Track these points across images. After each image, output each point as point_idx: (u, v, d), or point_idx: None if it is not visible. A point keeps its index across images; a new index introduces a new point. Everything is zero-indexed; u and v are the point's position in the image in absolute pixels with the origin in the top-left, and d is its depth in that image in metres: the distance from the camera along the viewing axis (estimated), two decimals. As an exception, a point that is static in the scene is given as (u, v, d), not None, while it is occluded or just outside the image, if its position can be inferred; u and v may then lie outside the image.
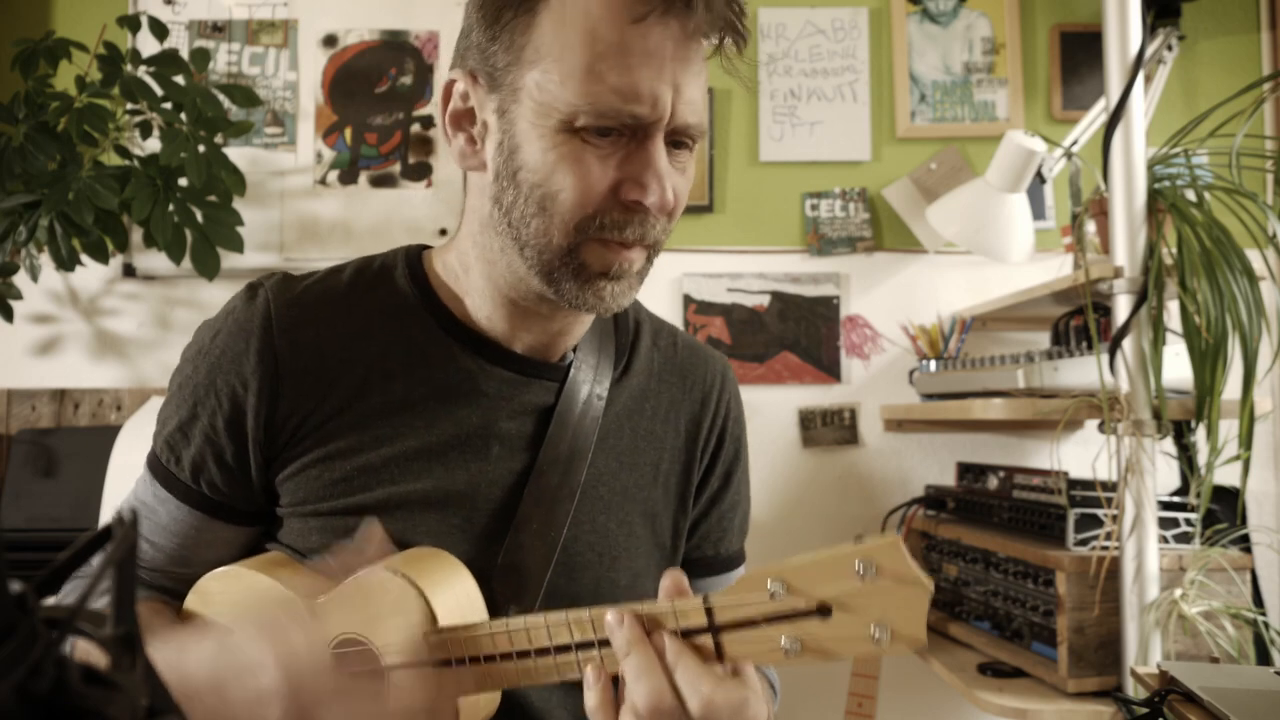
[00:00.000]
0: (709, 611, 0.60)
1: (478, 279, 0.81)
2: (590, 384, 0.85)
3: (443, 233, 2.12)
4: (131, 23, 1.87)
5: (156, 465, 0.82)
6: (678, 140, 0.73)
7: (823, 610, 0.57)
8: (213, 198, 1.85)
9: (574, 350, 0.85)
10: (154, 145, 1.88)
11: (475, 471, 0.80)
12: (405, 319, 0.82)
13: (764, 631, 0.59)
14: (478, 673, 0.67)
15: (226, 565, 0.79)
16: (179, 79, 1.82)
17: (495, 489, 0.81)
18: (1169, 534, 1.51)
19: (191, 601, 0.79)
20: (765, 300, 2.13)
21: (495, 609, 0.75)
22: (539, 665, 0.65)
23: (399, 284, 0.83)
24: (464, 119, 0.76)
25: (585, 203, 0.71)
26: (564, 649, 0.64)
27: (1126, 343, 1.44)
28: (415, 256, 0.86)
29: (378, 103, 2.15)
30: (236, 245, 1.88)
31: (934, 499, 1.93)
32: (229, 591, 0.77)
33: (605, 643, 0.62)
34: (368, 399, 0.79)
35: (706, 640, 0.60)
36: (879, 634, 0.56)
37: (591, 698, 0.62)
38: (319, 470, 0.78)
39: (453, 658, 0.68)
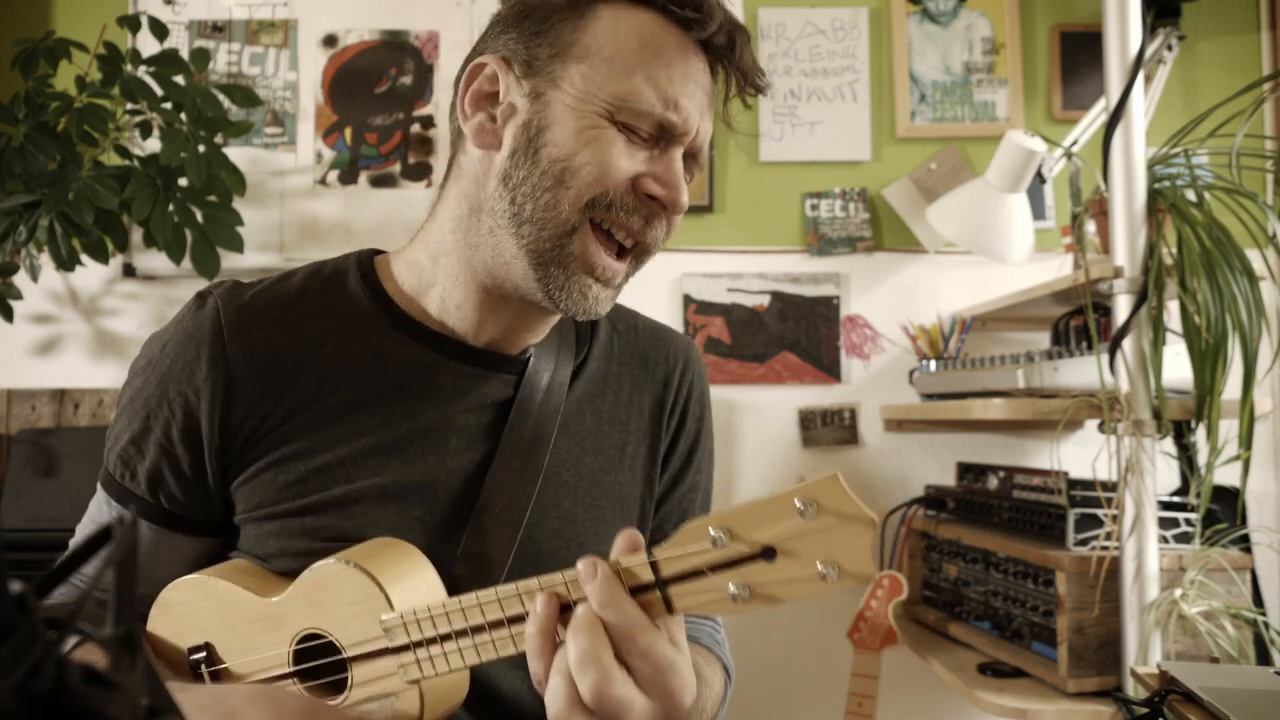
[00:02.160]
0: (654, 566, 0.60)
1: (453, 265, 0.81)
2: (550, 372, 0.85)
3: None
4: (131, 23, 1.87)
5: (110, 482, 0.81)
6: (686, 164, 0.79)
7: (767, 553, 0.57)
8: (213, 198, 1.85)
9: (533, 344, 0.85)
10: (154, 145, 1.88)
11: (434, 464, 0.80)
12: (358, 320, 0.82)
13: (711, 581, 0.58)
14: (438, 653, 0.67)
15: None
16: (179, 79, 1.82)
17: (455, 479, 0.80)
18: (1169, 534, 1.51)
19: (155, 616, 0.78)
20: (765, 300, 2.13)
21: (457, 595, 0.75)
22: (496, 639, 0.65)
23: (351, 287, 0.84)
24: (485, 100, 0.79)
25: (605, 180, 0.74)
26: (517, 620, 0.64)
27: (1126, 343, 1.44)
28: (367, 261, 0.87)
29: (378, 103, 2.15)
30: (236, 245, 1.88)
31: (934, 499, 1.93)
32: (190, 600, 0.76)
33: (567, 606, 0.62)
34: (322, 400, 0.79)
35: (655, 596, 0.60)
36: (826, 571, 0.55)
37: (532, 625, 0.61)
38: (274, 474, 0.78)
39: (411, 641, 0.67)
